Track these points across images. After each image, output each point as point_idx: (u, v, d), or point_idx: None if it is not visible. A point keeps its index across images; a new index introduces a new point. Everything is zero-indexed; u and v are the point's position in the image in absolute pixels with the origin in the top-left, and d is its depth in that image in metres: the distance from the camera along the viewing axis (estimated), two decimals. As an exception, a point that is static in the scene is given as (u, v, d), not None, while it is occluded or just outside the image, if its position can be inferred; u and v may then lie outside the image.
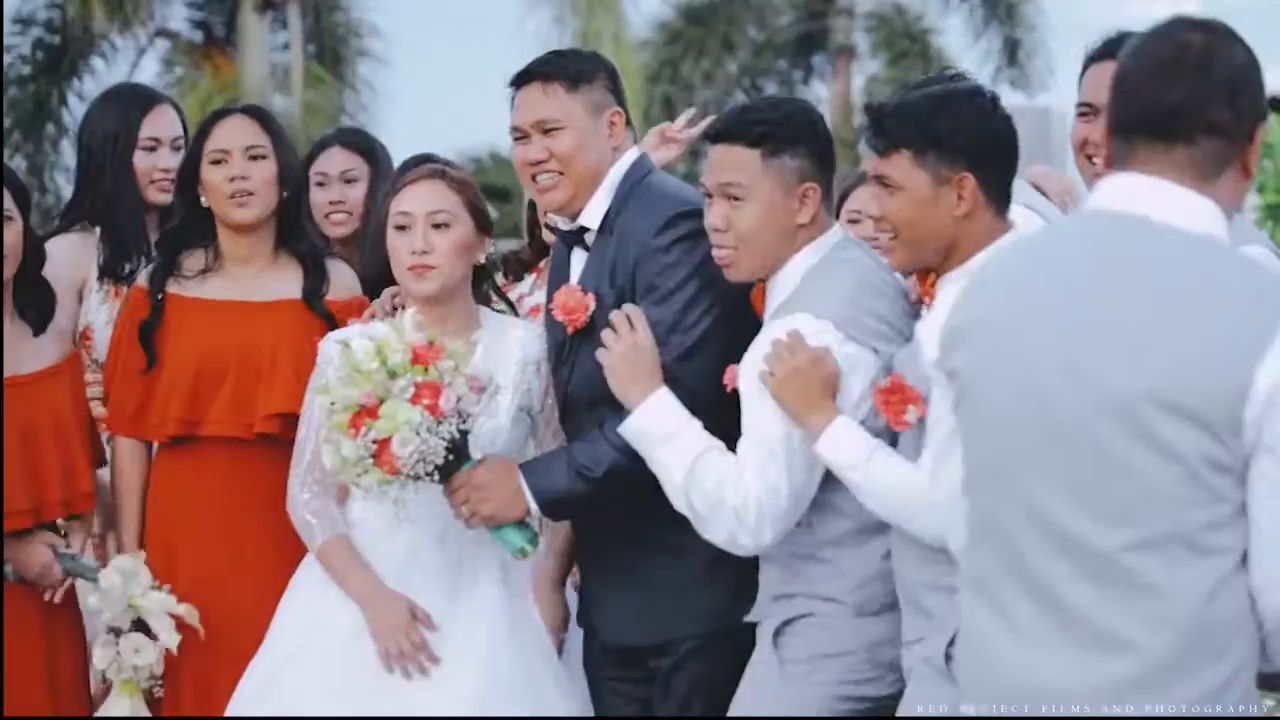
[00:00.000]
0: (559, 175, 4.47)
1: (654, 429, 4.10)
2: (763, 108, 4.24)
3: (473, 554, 4.55)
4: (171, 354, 4.90)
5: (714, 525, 4.03)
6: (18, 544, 4.78)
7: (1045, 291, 2.97)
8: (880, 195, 3.97)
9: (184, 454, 4.92)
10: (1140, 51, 2.98)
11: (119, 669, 4.75)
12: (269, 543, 4.75)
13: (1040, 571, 2.92)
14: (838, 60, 27.76)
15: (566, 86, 4.48)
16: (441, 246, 4.52)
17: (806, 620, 4.11)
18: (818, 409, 3.94)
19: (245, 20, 23.17)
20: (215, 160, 4.91)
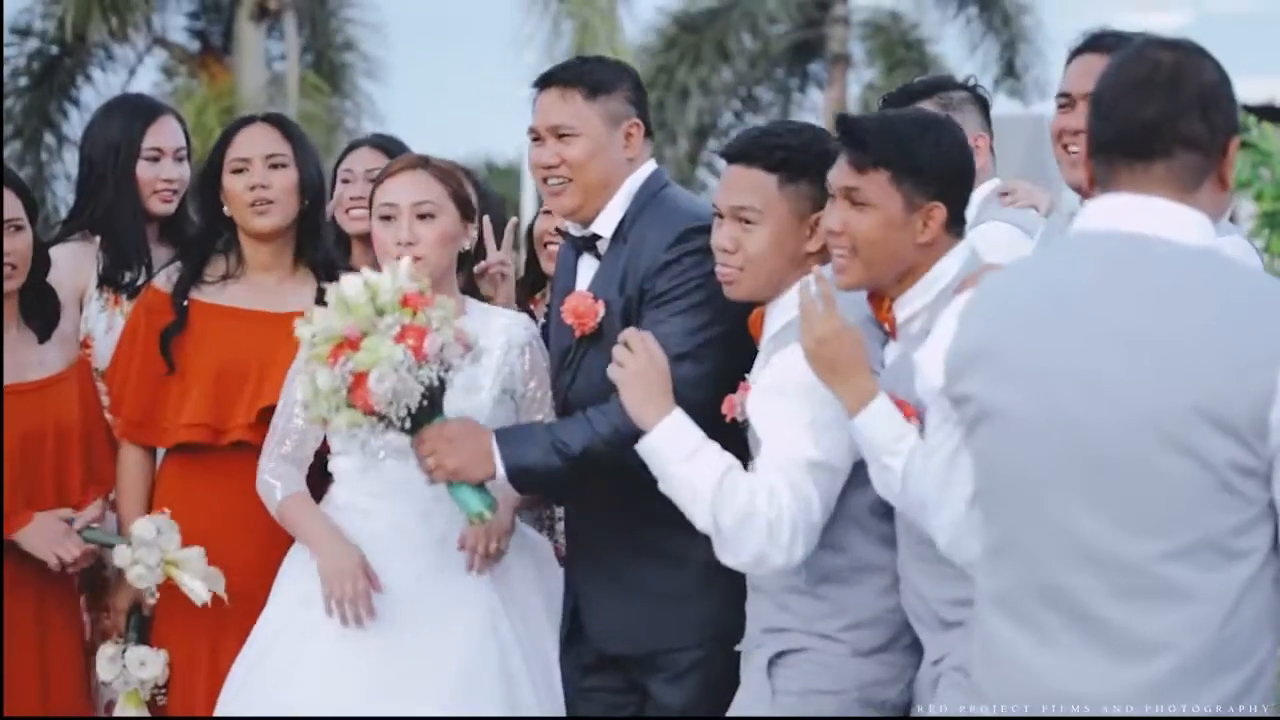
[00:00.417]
0: (568, 181, 4.50)
1: (674, 446, 3.97)
2: (782, 132, 4.22)
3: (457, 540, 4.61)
4: (191, 360, 4.94)
5: (742, 541, 3.90)
6: (26, 527, 4.78)
7: (1056, 310, 3.05)
8: (845, 210, 3.95)
9: (194, 460, 4.95)
10: (1113, 73, 3.08)
11: (125, 681, 4.78)
12: (278, 550, 4.78)
13: (1068, 586, 2.99)
14: (833, 68, 27.74)
15: (585, 94, 4.52)
16: (427, 237, 4.58)
17: (801, 654, 4.09)
18: (853, 380, 3.82)
19: (241, 29, 23.15)
20: (236, 169, 4.96)
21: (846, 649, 4.05)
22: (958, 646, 3.83)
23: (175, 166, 5.42)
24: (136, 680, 4.80)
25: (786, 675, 4.09)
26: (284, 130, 5.06)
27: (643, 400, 4.00)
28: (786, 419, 3.95)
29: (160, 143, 5.42)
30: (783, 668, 4.10)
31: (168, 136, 5.45)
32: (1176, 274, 2.99)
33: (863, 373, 3.81)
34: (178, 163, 5.44)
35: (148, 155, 5.40)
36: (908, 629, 4.05)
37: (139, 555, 4.73)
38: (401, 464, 4.52)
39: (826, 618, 4.06)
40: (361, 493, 4.67)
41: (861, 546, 4.04)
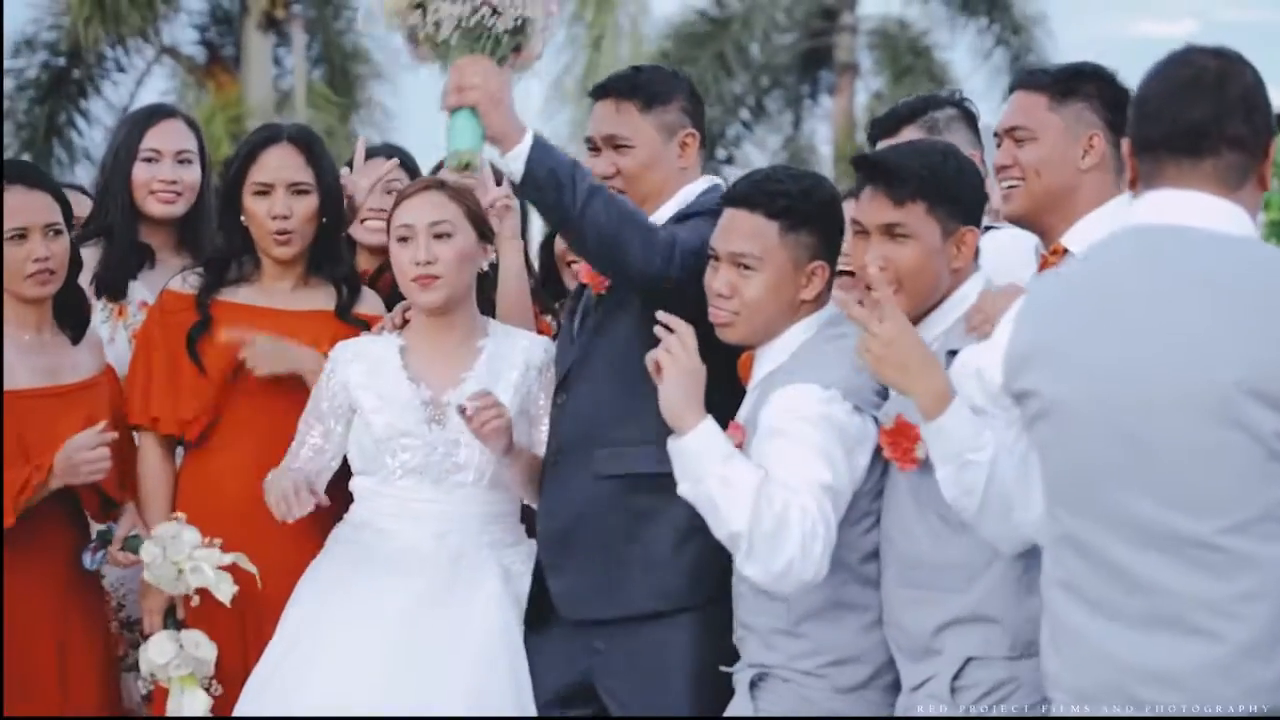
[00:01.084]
0: (621, 192, 4.53)
1: (714, 449, 3.91)
2: (785, 179, 4.22)
3: (473, 557, 4.64)
4: (209, 353, 4.95)
5: (776, 550, 3.85)
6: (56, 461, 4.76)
7: (1106, 303, 3.20)
8: (884, 245, 4.00)
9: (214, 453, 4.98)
10: (1159, 76, 3.25)
11: (180, 664, 4.79)
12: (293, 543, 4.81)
13: (1135, 566, 3.13)
14: (841, 77, 27.76)
15: (640, 106, 4.57)
16: (444, 256, 4.62)
17: (785, 684, 4.11)
18: (927, 379, 3.75)
19: (249, 39, 23.21)
20: (258, 191, 4.96)
21: (827, 685, 4.09)
22: (940, 671, 3.90)
23: (176, 168, 5.40)
24: (193, 660, 4.83)
25: (770, 699, 4.13)
26: (308, 153, 5.02)
27: (684, 399, 3.94)
28: (798, 446, 3.95)
29: (159, 144, 5.41)
30: (766, 691, 4.14)
31: (169, 138, 5.43)
32: (1221, 261, 3.14)
33: (936, 371, 3.77)
34: (180, 164, 5.42)
35: (145, 156, 5.39)
36: (890, 667, 4.08)
37: (156, 579, 4.77)
38: (417, 483, 4.62)
39: (809, 656, 4.09)
40: (379, 512, 4.70)
41: (843, 585, 4.06)
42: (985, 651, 3.89)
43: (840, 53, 27.63)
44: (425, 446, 4.65)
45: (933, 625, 3.93)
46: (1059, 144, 4.23)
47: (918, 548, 3.97)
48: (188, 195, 5.42)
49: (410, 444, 4.65)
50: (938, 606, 3.93)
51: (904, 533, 3.99)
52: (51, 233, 4.87)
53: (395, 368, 4.70)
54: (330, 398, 4.75)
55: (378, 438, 4.65)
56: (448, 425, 4.65)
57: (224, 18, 24.05)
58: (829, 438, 3.94)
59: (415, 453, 4.65)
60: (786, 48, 28.18)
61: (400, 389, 4.67)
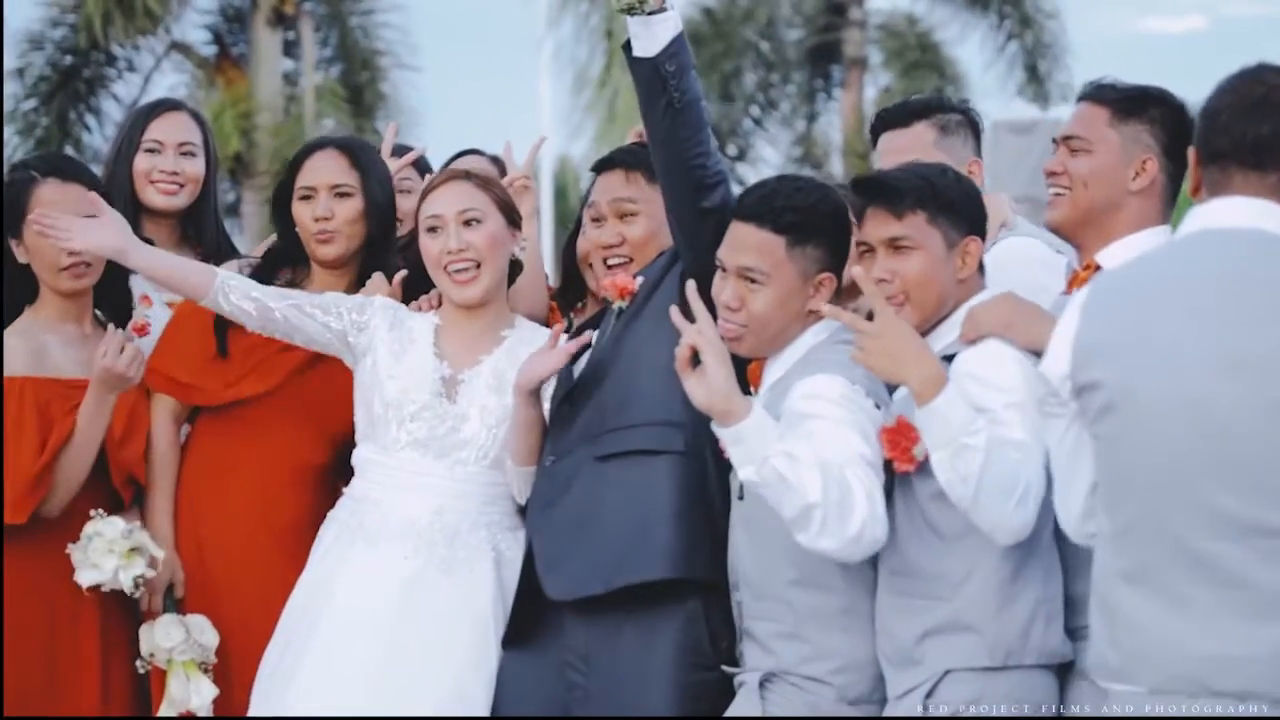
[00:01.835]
0: (629, 259, 4.70)
1: (770, 427, 3.88)
2: (792, 193, 4.24)
3: (469, 537, 4.67)
4: (237, 340, 4.97)
5: (847, 514, 3.83)
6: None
7: (1187, 300, 3.35)
8: (889, 259, 4.05)
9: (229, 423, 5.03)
10: (1231, 90, 3.46)
11: (185, 650, 4.81)
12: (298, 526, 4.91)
13: (1209, 554, 3.26)
14: (850, 72, 27.76)
15: (648, 177, 4.69)
16: (476, 242, 4.67)
17: (794, 688, 4.13)
18: (919, 366, 3.83)
19: (258, 35, 23.24)
20: (303, 196, 5.02)
21: (834, 692, 4.10)
22: (920, 683, 3.94)
23: (179, 160, 5.40)
24: (199, 646, 4.86)
25: (778, 702, 4.14)
26: (353, 158, 5.06)
27: (732, 385, 3.90)
28: (830, 425, 3.96)
29: (162, 135, 5.40)
30: (774, 692, 4.15)
31: (171, 130, 5.42)
32: None
33: (927, 357, 3.84)
34: (183, 156, 5.41)
35: (147, 146, 5.39)
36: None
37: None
38: (420, 456, 4.66)
39: (813, 661, 4.11)
40: (378, 483, 4.72)
41: (850, 589, 4.09)
42: (963, 662, 3.93)
43: (849, 48, 27.62)
44: (434, 419, 4.68)
45: (916, 633, 3.97)
46: (1112, 160, 4.23)
47: (907, 556, 4.00)
48: (190, 188, 5.41)
49: (419, 413, 4.68)
50: (922, 615, 3.97)
51: (895, 542, 4.00)
52: None
53: (426, 343, 4.74)
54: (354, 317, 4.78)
55: (388, 401, 4.69)
56: (458, 401, 4.69)
57: (234, 14, 24.08)
58: (858, 416, 3.97)
59: (422, 423, 4.68)
60: (795, 43, 28.18)
61: (423, 361, 4.72)
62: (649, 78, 4.38)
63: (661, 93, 4.35)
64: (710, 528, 4.36)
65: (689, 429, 4.18)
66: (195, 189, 5.43)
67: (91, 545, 4.72)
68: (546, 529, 4.53)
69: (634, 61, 4.40)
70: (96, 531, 4.73)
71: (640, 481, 4.44)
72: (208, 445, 5.06)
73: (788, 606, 4.12)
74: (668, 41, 4.36)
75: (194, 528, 5.00)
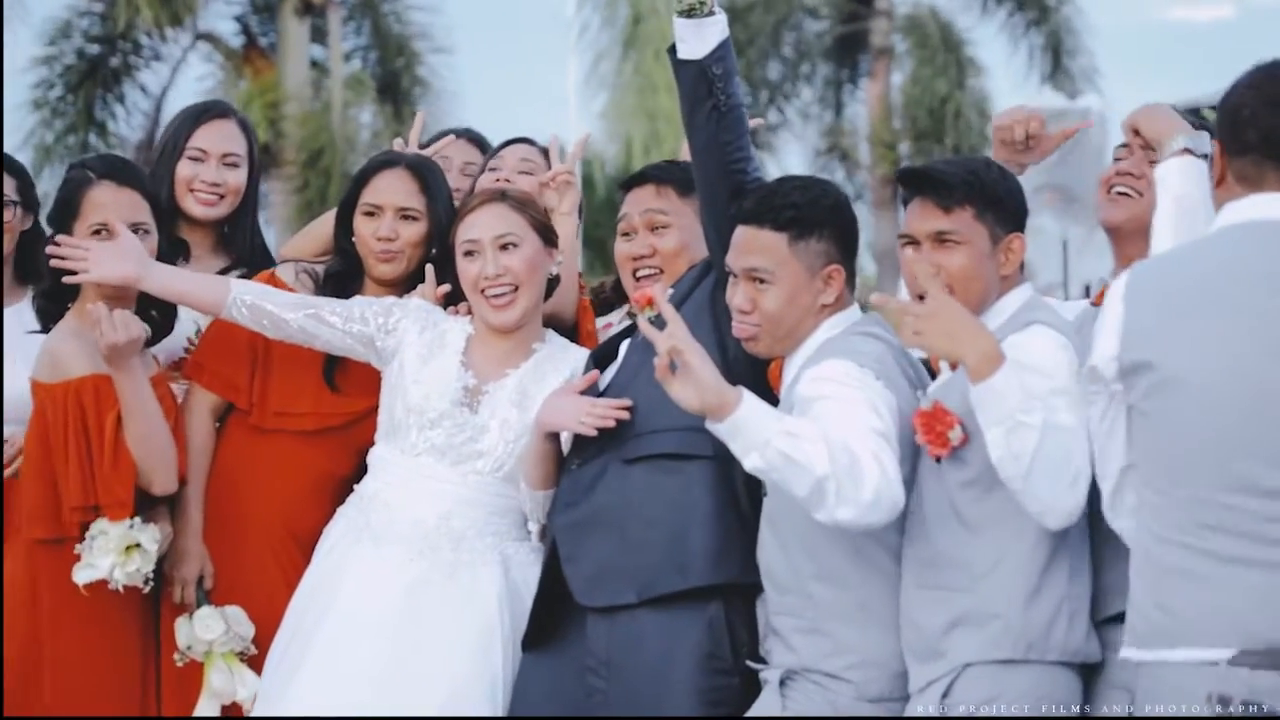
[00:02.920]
0: (660, 271, 4.71)
1: (765, 411, 3.83)
2: (790, 190, 4.26)
3: (475, 543, 4.68)
4: (290, 351, 4.95)
5: (859, 481, 3.78)
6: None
7: (1234, 287, 3.50)
8: (935, 253, 4.06)
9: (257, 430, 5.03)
10: (1252, 86, 3.60)
11: (227, 641, 4.85)
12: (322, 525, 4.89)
13: (1243, 516, 3.46)
14: (876, 62, 27.71)
15: (679, 191, 4.73)
16: (513, 266, 4.68)
17: (815, 686, 4.14)
18: (975, 343, 3.82)
19: (286, 25, 23.28)
20: (368, 212, 4.99)
21: (853, 690, 4.11)
22: (941, 676, 3.94)
23: (221, 170, 5.35)
24: (238, 637, 4.89)
25: (798, 699, 4.14)
26: (422, 179, 5.02)
27: (718, 379, 3.85)
28: (839, 404, 3.95)
29: (207, 144, 5.35)
30: (795, 690, 4.15)
31: (216, 139, 5.37)
32: None
33: (983, 333, 3.82)
34: (226, 167, 5.36)
35: (190, 154, 5.34)
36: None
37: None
38: (436, 462, 4.67)
39: (831, 656, 4.11)
40: (390, 484, 4.74)
41: (865, 585, 4.10)
42: (984, 654, 3.93)
43: (876, 37, 27.57)
44: (453, 427, 4.69)
45: (940, 623, 3.97)
46: None
47: (935, 546, 4.00)
48: (230, 199, 5.37)
49: (439, 421, 4.69)
50: (946, 604, 3.97)
51: (924, 532, 4.01)
52: (141, 230, 4.88)
53: (455, 350, 4.75)
54: (381, 320, 4.80)
55: (410, 406, 4.70)
56: (479, 412, 4.70)
57: (261, 5, 24.11)
58: (866, 393, 3.96)
59: (442, 431, 4.69)
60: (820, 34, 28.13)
61: (448, 369, 4.72)
62: (695, 80, 4.39)
63: (707, 96, 4.36)
64: (741, 532, 4.37)
65: None
66: (235, 200, 5.38)
67: (95, 544, 4.73)
68: (569, 529, 4.53)
69: (680, 64, 4.39)
70: (101, 530, 4.74)
71: (669, 487, 4.44)
72: (239, 444, 5.05)
73: (809, 601, 4.14)
74: (716, 45, 4.36)
75: (220, 525, 5.01)
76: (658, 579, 4.40)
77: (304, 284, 5.02)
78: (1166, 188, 4.10)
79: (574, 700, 4.45)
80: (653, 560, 4.40)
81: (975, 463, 3.90)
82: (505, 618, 4.62)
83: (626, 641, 4.41)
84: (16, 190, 5.22)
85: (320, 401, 4.99)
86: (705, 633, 4.36)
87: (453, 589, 4.61)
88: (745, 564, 4.33)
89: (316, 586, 4.71)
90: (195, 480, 4.97)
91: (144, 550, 4.72)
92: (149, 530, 4.75)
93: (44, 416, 4.80)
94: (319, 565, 4.76)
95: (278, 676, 4.67)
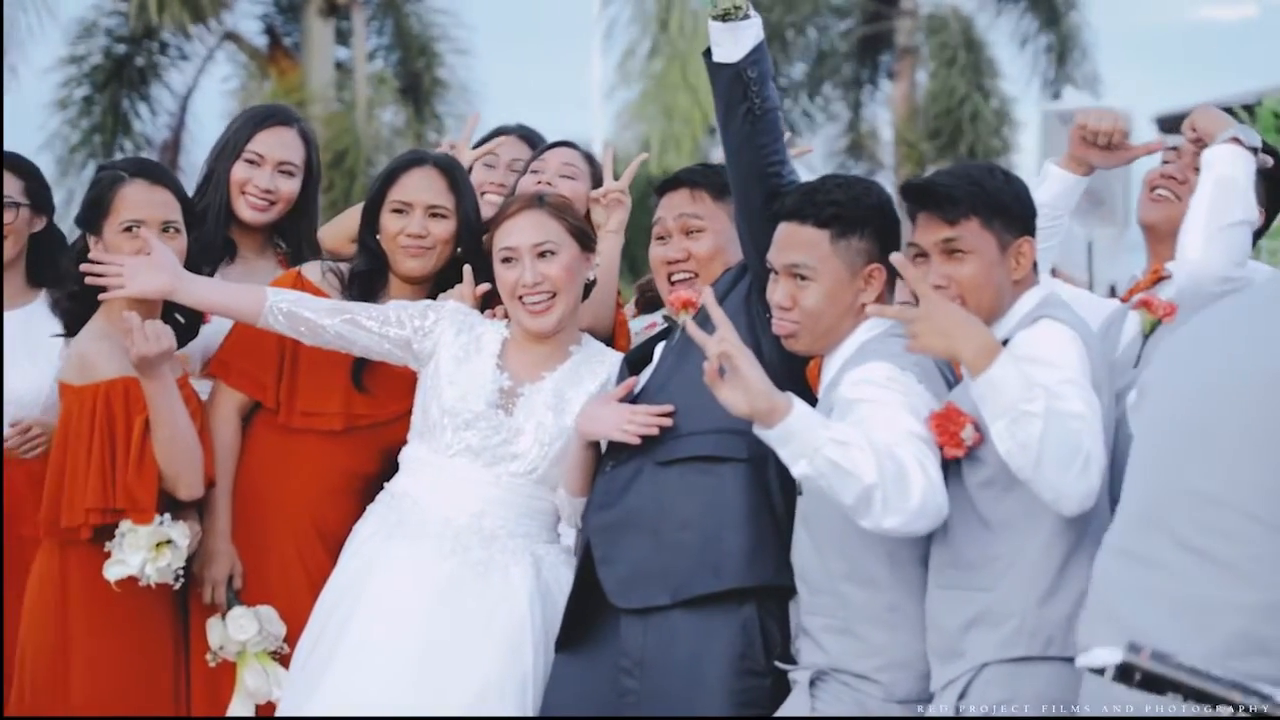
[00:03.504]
0: (695, 275, 4.72)
1: (814, 419, 3.87)
2: (833, 188, 4.28)
3: (506, 542, 4.70)
4: (316, 351, 4.97)
5: (905, 489, 3.84)
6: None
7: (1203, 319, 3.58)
8: (944, 264, 4.08)
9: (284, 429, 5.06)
10: None
11: (261, 641, 4.88)
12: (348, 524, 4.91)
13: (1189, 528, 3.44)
14: (901, 62, 27.67)
15: (713, 195, 4.74)
16: (551, 274, 4.70)
17: (844, 686, 4.16)
18: (971, 339, 3.86)
19: (310, 25, 23.31)
20: (396, 209, 5.00)
21: (881, 691, 4.14)
22: (959, 676, 3.98)
23: (275, 177, 5.37)
24: (271, 636, 4.92)
25: (828, 699, 4.17)
26: (450, 177, 5.06)
27: (768, 384, 3.87)
28: (879, 408, 3.99)
29: (264, 150, 5.37)
30: (824, 691, 4.18)
31: (274, 146, 5.39)
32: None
33: (978, 328, 3.86)
34: (280, 175, 5.38)
35: (247, 157, 5.36)
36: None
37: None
38: (470, 463, 4.69)
39: (861, 657, 4.14)
40: (422, 482, 4.76)
41: (896, 587, 4.13)
42: (1002, 653, 3.96)
43: (900, 37, 27.53)
44: (488, 429, 4.71)
45: (960, 622, 4.00)
46: None
47: (955, 548, 4.03)
48: (281, 206, 5.39)
49: (473, 422, 4.71)
50: (967, 604, 4.00)
51: (945, 533, 4.04)
52: (172, 229, 4.92)
53: (491, 353, 4.77)
54: (418, 322, 4.82)
55: (445, 408, 4.72)
56: (515, 415, 4.72)
57: (286, 4, 24.15)
58: (908, 398, 4.00)
59: (476, 432, 4.71)
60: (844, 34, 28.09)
61: (484, 371, 4.74)
62: (730, 83, 4.39)
63: (742, 99, 4.37)
64: (775, 534, 4.38)
65: (752, 437, 4.12)
66: (285, 207, 5.41)
67: (125, 540, 4.76)
68: (603, 530, 4.54)
69: (715, 67, 4.40)
70: (130, 528, 4.77)
71: (704, 489, 4.45)
72: (266, 443, 5.08)
73: (840, 601, 4.16)
74: (751, 48, 4.36)
75: (247, 524, 5.03)
76: (691, 581, 4.41)
77: (330, 283, 5.05)
78: (1210, 169, 4.16)
79: (607, 700, 4.48)
80: (686, 562, 4.42)
81: (992, 462, 3.94)
82: (537, 617, 4.63)
83: (660, 642, 4.43)
84: (25, 192, 5.26)
85: (350, 402, 5.01)
86: (738, 634, 4.38)
87: (483, 587, 4.63)
88: (779, 566, 4.35)
89: (346, 584, 4.73)
90: (223, 481, 5.00)
91: (175, 546, 4.76)
92: (179, 526, 4.78)
93: (70, 419, 4.82)
94: (348, 562, 4.78)
95: (305, 673, 4.69)
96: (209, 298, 4.88)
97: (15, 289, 5.28)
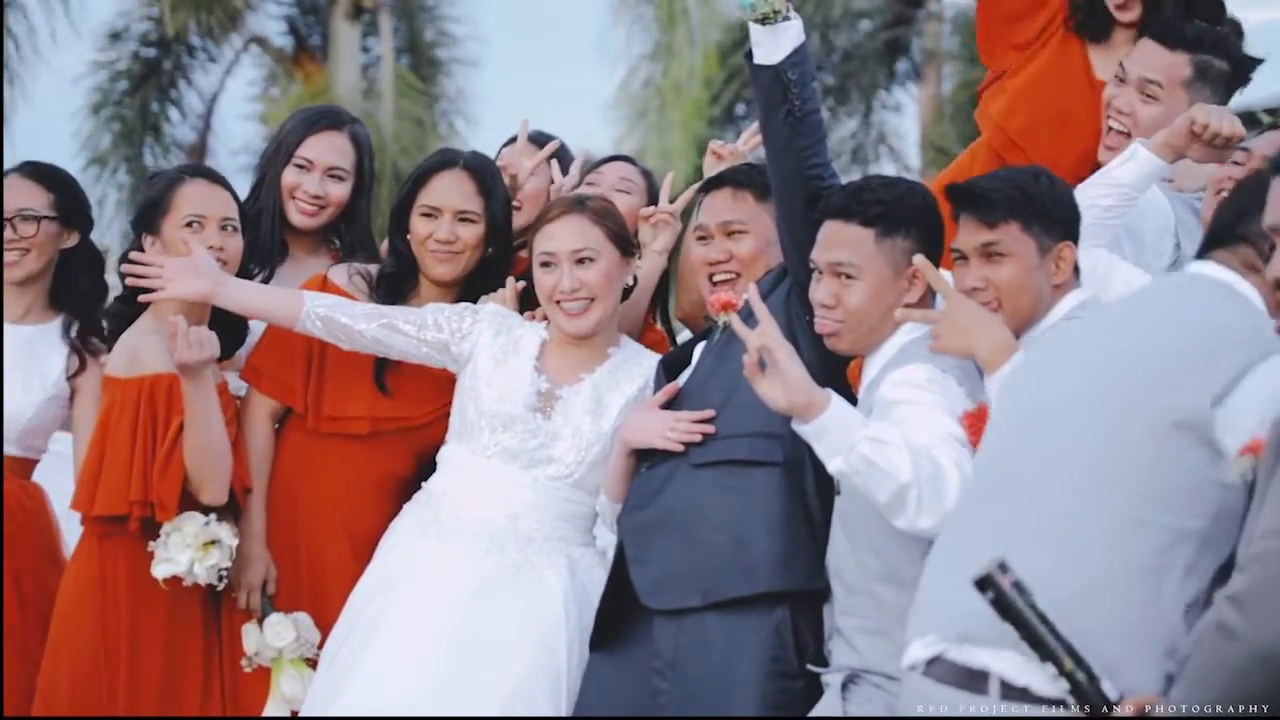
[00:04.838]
0: (737, 275, 4.70)
1: (852, 415, 3.92)
2: (878, 187, 4.29)
3: (542, 545, 4.72)
4: (343, 354, 4.99)
5: (941, 489, 3.86)
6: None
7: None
8: (982, 267, 4.10)
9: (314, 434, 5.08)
10: None
11: (297, 648, 4.90)
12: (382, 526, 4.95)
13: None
14: (928, 65, 27.61)
15: (756, 195, 4.71)
16: (590, 280, 4.70)
17: (876, 688, 4.18)
18: (989, 336, 3.92)
19: (336, 28, 23.33)
20: (425, 213, 5.00)
21: None
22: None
23: (324, 182, 5.36)
24: (308, 643, 4.94)
25: (859, 702, 4.19)
26: (480, 180, 5.05)
27: (808, 380, 3.91)
28: (918, 409, 4.01)
29: (314, 155, 5.36)
30: (856, 694, 4.19)
31: (325, 151, 5.37)
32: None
33: (996, 326, 3.91)
34: (330, 179, 5.37)
35: (298, 161, 5.35)
36: None
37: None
38: (507, 465, 4.72)
39: (893, 658, 4.10)
40: (459, 481, 4.78)
41: None
42: None
43: (927, 40, 27.47)
44: (525, 432, 4.73)
45: None
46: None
47: None
48: (330, 210, 5.39)
49: (511, 424, 4.73)
50: None
51: None
52: (230, 227, 4.97)
53: (529, 355, 4.79)
54: (455, 325, 4.83)
55: (482, 410, 4.74)
56: (553, 418, 4.73)
57: (311, 7, 24.17)
58: (947, 399, 4.02)
59: (514, 435, 4.73)
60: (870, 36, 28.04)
61: (522, 373, 4.76)
62: (770, 85, 4.40)
63: (782, 101, 4.38)
64: (809, 539, 4.39)
65: (788, 440, 4.17)
66: (335, 211, 5.40)
67: (170, 540, 4.79)
68: (636, 531, 4.55)
69: (756, 70, 4.41)
70: (176, 527, 4.80)
71: (739, 492, 4.45)
72: (298, 447, 5.10)
73: (875, 601, 4.17)
74: (791, 50, 4.37)
75: (280, 528, 5.06)
76: (723, 583, 4.42)
77: (357, 286, 5.07)
78: None
79: (639, 701, 4.49)
80: (718, 564, 4.42)
81: None
82: (572, 617, 4.65)
83: (692, 644, 4.44)
84: (53, 205, 5.23)
85: (375, 406, 5.03)
86: (771, 637, 4.39)
87: (518, 587, 4.65)
88: (812, 571, 4.36)
89: (379, 581, 4.75)
90: (258, 486, 5.02)
91: (222, 545, 4.78)
92: (225, 526, 4.81)
93: (113, 409, 4.86)
94: (382, 560, 4.80)
95: (334, 670, 4.71)
96: (248, 302, 4.91)
97: (30, 305, 5.27)
